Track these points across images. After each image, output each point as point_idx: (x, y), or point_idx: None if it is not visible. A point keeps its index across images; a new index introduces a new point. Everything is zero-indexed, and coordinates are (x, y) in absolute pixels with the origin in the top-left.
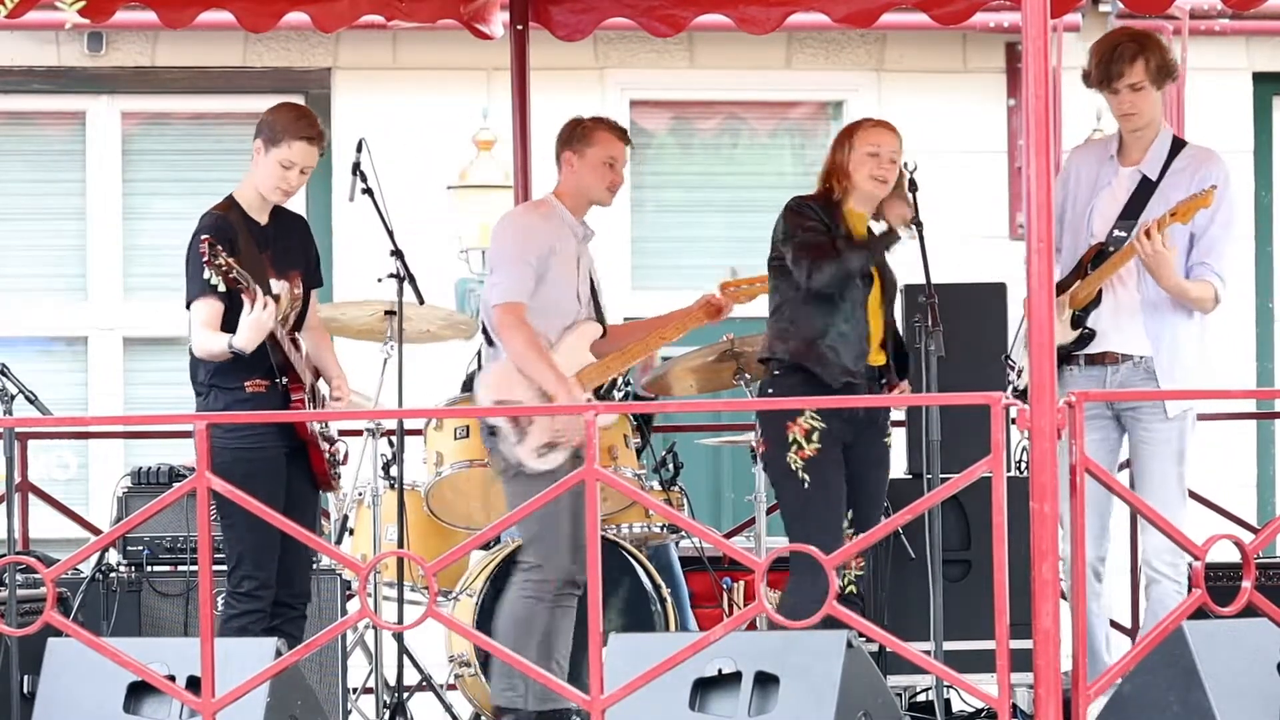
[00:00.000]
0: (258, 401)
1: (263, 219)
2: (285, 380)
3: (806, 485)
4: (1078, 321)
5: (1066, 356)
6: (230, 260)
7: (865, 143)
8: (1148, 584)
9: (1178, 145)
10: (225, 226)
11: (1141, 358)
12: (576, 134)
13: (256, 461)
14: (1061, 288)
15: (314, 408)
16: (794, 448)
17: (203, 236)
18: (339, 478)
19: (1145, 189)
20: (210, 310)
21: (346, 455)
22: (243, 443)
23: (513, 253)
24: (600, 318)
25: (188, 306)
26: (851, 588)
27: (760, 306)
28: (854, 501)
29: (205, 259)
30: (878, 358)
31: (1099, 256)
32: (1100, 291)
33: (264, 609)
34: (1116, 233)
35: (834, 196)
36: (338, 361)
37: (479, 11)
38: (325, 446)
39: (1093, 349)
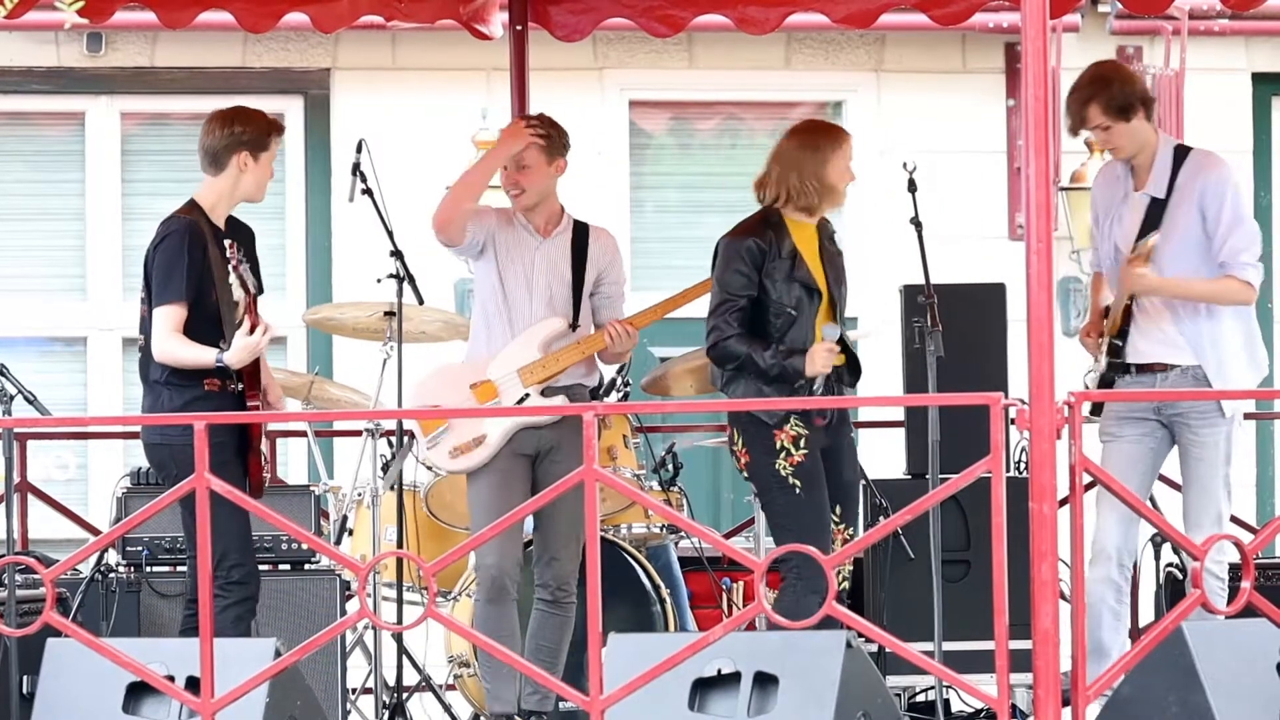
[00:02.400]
0: (215, 400)
1: (221, 225)
2: (241, 385)
3: (799, 492)
4: (1115, 349)
5: (1119, 369)
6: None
7: (847, 154)
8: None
9: (1181, 155)
10: (199, 232)
11: (1190, 366)
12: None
13: (214, 458)
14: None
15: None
16: (783, 454)
17: (228, 242)
18: (265, 482)
19: (1155, 210)
20: (179, 317)
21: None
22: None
23: None
24: (575, 312)
25: (152, 307)
26: (845, 583)
27: None
28: (838, 499)
29: (234, 265)
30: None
31: None
32: (1129, 313)
33: (254, 595)
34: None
35: (776, 216)
36: (269, 371)
37: (478, 12)
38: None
39: (1140, 360)
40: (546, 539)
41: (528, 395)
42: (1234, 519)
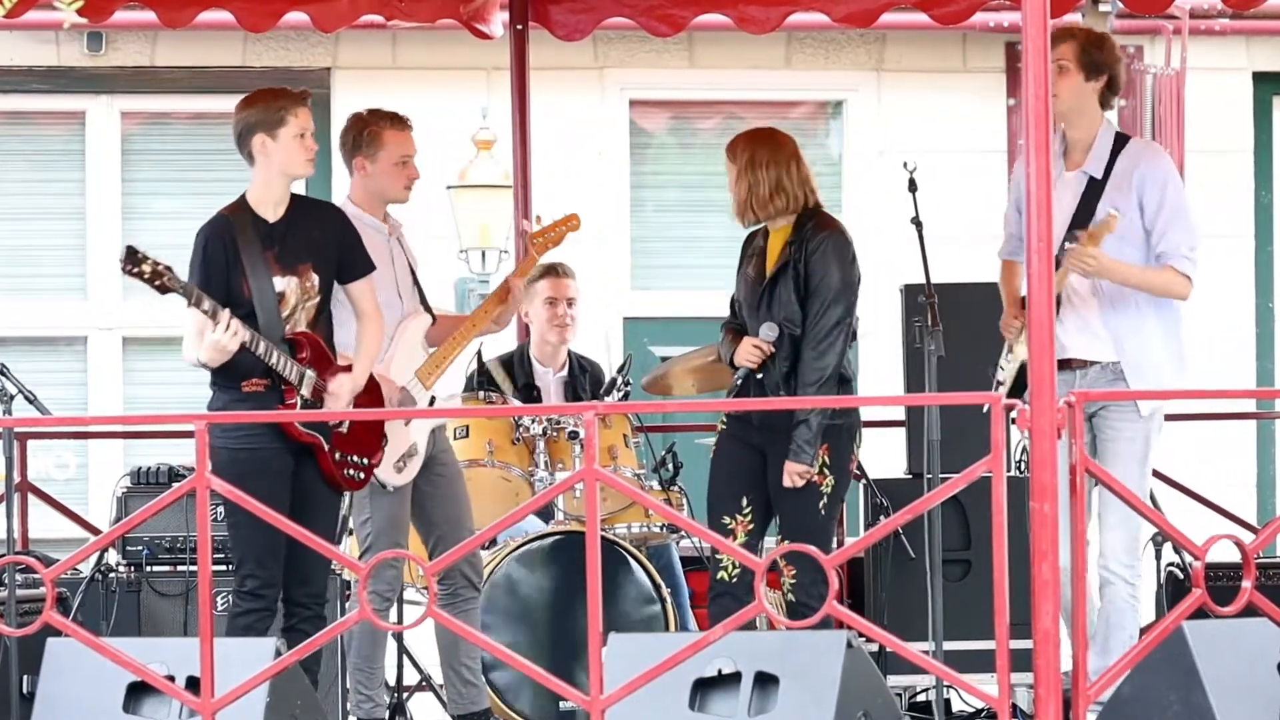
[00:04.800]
0: (256, 401)
1: (273, 216)
2: (282, 383)
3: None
4: None
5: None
6: (157, 268)
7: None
8: (1102, 585)
9: (1121, 142)
10: (225, 227)
11: (1109, 363)
12: (365, 139)
13: (253, 462)
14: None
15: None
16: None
17: (125, 245)
18: (360, 479)
19: (1092, 191)
20: (199, 318)
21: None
22: (239, 443)
23: None
24: (426, 306)
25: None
26: (791, 596)
27: None
28: (779, 508)
29: (122, 268)
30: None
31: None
32: (1060, 300)
33: (269, 607)
34: (1067, 244)
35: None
36: (370, 359)
37: (478, 11)
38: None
39: (1060, 355)
40: (456, 537)
41: (434, 398)
42: (1234, 518)
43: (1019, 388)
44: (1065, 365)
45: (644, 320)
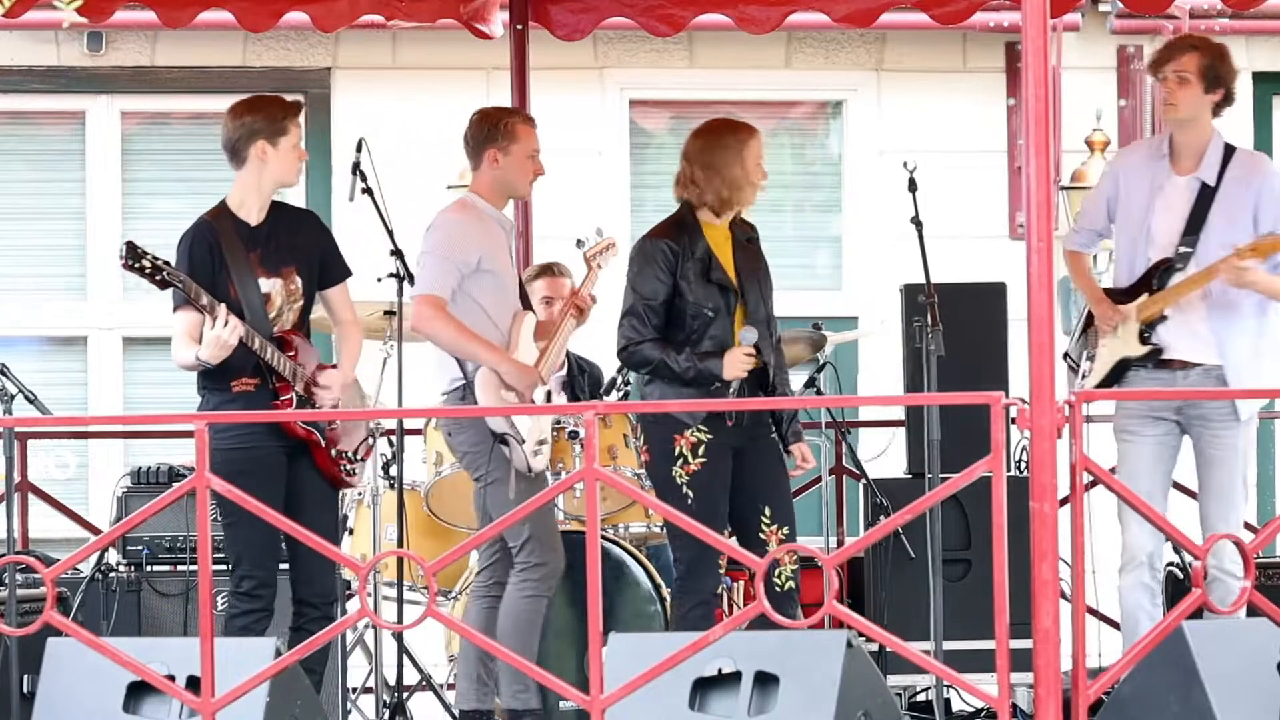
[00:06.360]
0: (247, 400)
1: (255, 219)
2: (274, 380)
3: (690, 502)
4: (1145, 337)
5: (1136, 361)
6: (159, 263)
7: (755, 152)
8: (1212, 582)
9: (1229, 151)
10: (206, 231)
11: (1211, 366)
12: (501, 131)
13: (248, 461)
14: (1126, 295)
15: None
16: (680, 461)
17: (125, 240)
18: (354, 474)
19: (1205, 198)
20: (188, 320)
21: (370, 448)
22: (234, 442)
23: (443, 251)
24: (527, 304)
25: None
26: (790, 583)
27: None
28: (767, 498)
29: (123, 263)
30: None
31: (1166, 272)
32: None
33: (266, 608)
34: (1183, 249)
35: (691, 217)
36: (353, 360)
37: (478, 11)
38: (342, 445)
39: (1166, 355)
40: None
41: (550, 392)
42: None
43: (1112, 380)
44: (1166, 365)
45: None
